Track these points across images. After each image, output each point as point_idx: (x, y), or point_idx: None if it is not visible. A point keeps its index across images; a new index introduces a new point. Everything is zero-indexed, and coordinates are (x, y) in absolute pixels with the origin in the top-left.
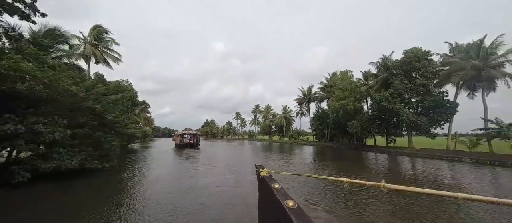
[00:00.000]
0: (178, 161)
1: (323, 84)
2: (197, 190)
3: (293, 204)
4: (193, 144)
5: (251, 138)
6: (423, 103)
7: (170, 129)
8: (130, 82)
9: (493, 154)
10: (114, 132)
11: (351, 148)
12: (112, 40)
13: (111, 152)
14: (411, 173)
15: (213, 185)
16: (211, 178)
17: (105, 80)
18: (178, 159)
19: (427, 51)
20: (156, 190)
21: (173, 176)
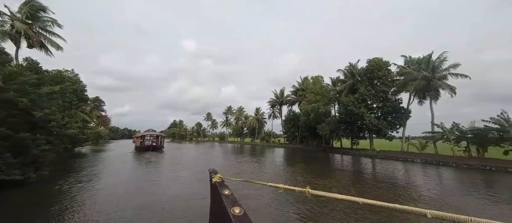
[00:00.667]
0: (135, 167)
1: (295, 88)
2: (154, 207)
3: (240, 211)
4: (156, 146)
5: (222, 140)
6: (383, 109)
7: (131, 130)
8: (77, 73)
9: (438, 154)
10: (53, 133)
11: (320, 150)
12: (53, 21)
13: (41, 158)
14: (371, 172)
15: (176, 198)
16: (173, 189)
17: (41, 69)
18: (136, 164)
19: (386, 61)
20: (91, 211)
21: (124, 187)
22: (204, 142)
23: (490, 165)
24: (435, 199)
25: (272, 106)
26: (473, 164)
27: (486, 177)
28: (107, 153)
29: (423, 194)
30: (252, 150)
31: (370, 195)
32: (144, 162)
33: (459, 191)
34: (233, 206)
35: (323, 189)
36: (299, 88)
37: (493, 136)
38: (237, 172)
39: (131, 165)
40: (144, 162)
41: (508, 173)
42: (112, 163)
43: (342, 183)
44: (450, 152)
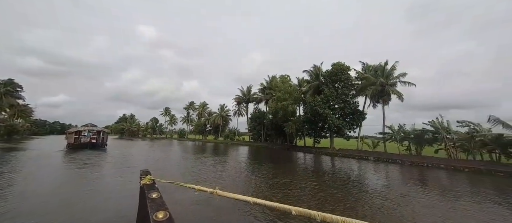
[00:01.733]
0: (64, 170)
1: (263, 86)
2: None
3: (164, 215)
4: (96, 143)
5: (182, 137)
6: (344, 110)
7: (65, 124)
8: None
9: (387, 153)
10: None
11: (285, 149)
12: None
13: None
14: (331, 169)
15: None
16: (107, 205)
17: None
18: (64, 168)
19: (348, 66)
20: None
21: (32, 205)
22: (160, 139)
23: (427, 162)
24: (383, 190)
25: (238, 103)
26: (414, 161)
27: (423, 172)
28: (24, 152)
29: (373, 186)
30: (215, 149)
31: (327, 191)
32: (77, 164)
33: (401, 183)
34: (158, 211)
35: (284, 186)
36: (267, 86)
37: (428, 137)
38: (197, 175)
39: (58, 168)
40: (76, 164)
41: (440, 169)
42: (28, 165)
43: (304, 180)
44: (397, 150)
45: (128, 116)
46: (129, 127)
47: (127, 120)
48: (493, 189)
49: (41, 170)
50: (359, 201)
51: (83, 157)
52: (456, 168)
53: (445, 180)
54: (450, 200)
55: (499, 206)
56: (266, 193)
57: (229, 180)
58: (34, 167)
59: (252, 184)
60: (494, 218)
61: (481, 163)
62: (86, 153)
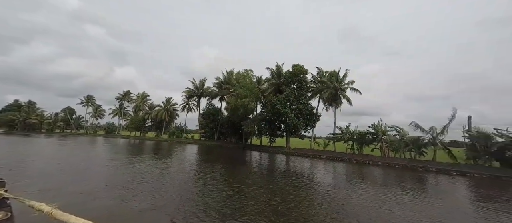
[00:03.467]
0: None
1: (219, 80)
2: None
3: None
4: None
5: (111, 133)
6: (302, 110)
7: None
8: None
9: (336, 152)
10: None
11: (240, 148)
12: None
13: None
14: (286, 168)
15: None
16: None
17: None
18: None
19: (306, 69)
20: None
21: None
22: (77, 136)
23: (368, 160)
24: (331, 184)
25: (188, 97)
26: (359, 159)
27: (365, 168)
28: None
29: (323, 181)
30: (157, 148)
31: (283, 190)
32: None
33: (346, 178)
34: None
35: (240, 189)
36: (225, 81)
37: (369, 138)
38: (127, 185)
39: None
40: None
41: (378, 166)
42: None
43: (261, 181)
44: (344, 149)
45: (24, 104)
46: (25, 118)
47: (22, 109)
48: (409, 180)
49: None
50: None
51: None
52: (390, 165)
53: (381, 174)
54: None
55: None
56: (220, 202)
57: (171, 190)
58: None
59: (203, 194)
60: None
61: (406, 160)
62: None
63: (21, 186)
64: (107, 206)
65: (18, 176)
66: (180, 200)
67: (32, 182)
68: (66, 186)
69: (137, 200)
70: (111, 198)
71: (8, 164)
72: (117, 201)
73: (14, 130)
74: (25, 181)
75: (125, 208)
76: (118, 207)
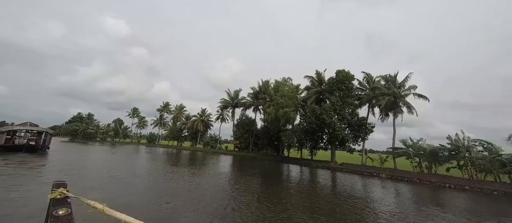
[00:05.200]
0: None
1: (254, 90)
2: None
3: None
4: (35, 146)
5: (152, 142)
6: (351, 121)
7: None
8: None
9: (400, 170)
10: None
11: (277, 161)
12: None
13: None
14: (335, 187)
15: None
16: None
17: None
18: None
19: (352, 75)
20: None
21: None
22: (123, 145)
23: (449, 182)
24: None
25: (223, 107)
26: (433, 180)
27: (446, 194)
28: None
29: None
30: (192, 158)
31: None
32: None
33: (425, 205)
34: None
35: (284, 208)
36: (260, 91)
37: (444, 155)
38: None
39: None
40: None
41: (465, 191)
42: None
43: (307, 200)
44: (407, 167)
45: (84, 115)
46: (85, 128)
47: (83, 120)
48: None
49: None
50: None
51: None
52: (482, 190)
53: (474, 203)
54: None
55: None
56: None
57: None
58: None
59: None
60: None
61: (507, 186)
62: (19, 157)
63: (81, 187)
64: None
65: (79, 179)
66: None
67: (90, 185)
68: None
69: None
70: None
71: (71, 169)
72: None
73: (76, 138)
74: (84, 183)
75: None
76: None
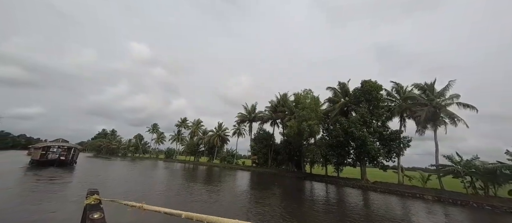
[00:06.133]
0: None
1: (272, 103)
2: None
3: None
4: (65, 161)
5: (169, 157)
6: (383, 134)
7: (32, 137)
8: None
9: (448, 191)
10: None
11: (299, 177)
12: None
13: None
14: (374, 211)
15: None
16: None
17: None
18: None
19: (379, 85)
20: None
21: None
22: (142, 159)
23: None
24: None
25: (240, 122)
26: (498, 205)
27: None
28: None
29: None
30: (209, 174)
31: None
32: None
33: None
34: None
35: None
36: (279, 104)
37: (503, 173)
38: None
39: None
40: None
41: None
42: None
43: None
44: (456, 187)
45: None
46: (108, 143)
47: (107, 136)
48: None
49: None
50: None
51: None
52: None
53: None
54: None
55: None
56: None
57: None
58: None
59: None
60: None
61: None
62: (53, 171)
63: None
64: None
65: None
66: None
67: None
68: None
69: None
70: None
71: (98, 182)
72: None
73: (99, 153)
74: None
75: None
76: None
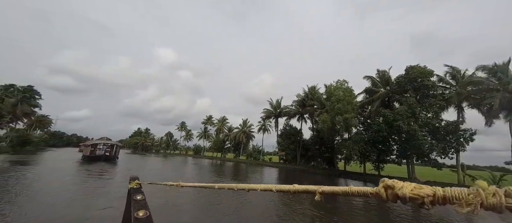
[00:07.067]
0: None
1: (300, 97)
2: None
3: (144, 214)
4: (109, 156)
5: (197, 154)
6: (434, 127)
7: (82, 136)
8: None
9: None
10: None
11: (333, 175)
12: None
13: None
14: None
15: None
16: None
17: None
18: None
19: (430, 70)
20: None
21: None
22: (173, 156)
23: None
24: None
25: (265, 117)
26: None
27: None
28: (35, 168)
29: None
30: (237, 170)
31: None
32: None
33: None
34: (139, 210)
35: None
36: (308, 98)
37: None
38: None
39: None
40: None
41: None
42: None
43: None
44: None
45: (143, 130)
46: (143, 141)
47: (142, 134)
48: None
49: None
50: None
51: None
52: None
53: None
54: None
55: None
56: None
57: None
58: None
59: None
60: None
61: None
62: (100, 165)
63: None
64: None
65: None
66: None
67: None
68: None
69: None
70: None
71: (142, 174)
72: None
73: (136, 150)
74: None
75: None
76: None
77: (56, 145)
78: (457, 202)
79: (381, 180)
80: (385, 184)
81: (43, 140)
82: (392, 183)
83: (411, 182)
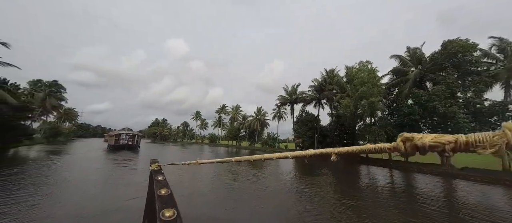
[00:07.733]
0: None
1: (317, 82)
2: None
3: (166, 192)
4: (132, 145)
5: (213, 142)
6: (477, 109)
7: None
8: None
9: None
10: None
11: (354, 162)
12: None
13: None
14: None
15: None
16: None
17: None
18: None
19: (474, 44)
20: None
21: None
22: (190, 144)
23: None
24: None
25: (281, 104)
26: None
27: None
28: (68, 156)
29: None
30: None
31: None
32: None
33: None
34: (161, 188)
35: None
36: (326, 82)
37: None
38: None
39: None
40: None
41: None
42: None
43: None
44: None
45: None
46: (161, 130)
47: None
48: None
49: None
50: None
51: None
52: None
53: None
54: None
55: None
56: None
57: None
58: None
59: None
60: None
61: None
62: (125, 153)
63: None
64: None
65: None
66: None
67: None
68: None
69: None
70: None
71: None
72: None
73: (155, 139)
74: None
75: None
76: None
77: (83, 136)
78: (480, 145)
79: (400, 135)
80: (403, 137)
81: (72, 131)
82: (412, 135)
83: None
